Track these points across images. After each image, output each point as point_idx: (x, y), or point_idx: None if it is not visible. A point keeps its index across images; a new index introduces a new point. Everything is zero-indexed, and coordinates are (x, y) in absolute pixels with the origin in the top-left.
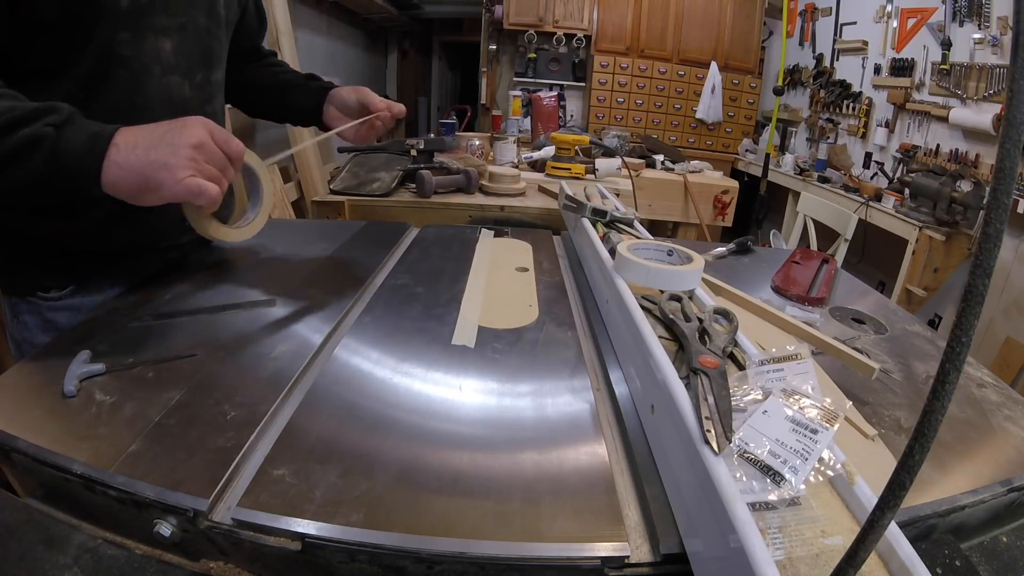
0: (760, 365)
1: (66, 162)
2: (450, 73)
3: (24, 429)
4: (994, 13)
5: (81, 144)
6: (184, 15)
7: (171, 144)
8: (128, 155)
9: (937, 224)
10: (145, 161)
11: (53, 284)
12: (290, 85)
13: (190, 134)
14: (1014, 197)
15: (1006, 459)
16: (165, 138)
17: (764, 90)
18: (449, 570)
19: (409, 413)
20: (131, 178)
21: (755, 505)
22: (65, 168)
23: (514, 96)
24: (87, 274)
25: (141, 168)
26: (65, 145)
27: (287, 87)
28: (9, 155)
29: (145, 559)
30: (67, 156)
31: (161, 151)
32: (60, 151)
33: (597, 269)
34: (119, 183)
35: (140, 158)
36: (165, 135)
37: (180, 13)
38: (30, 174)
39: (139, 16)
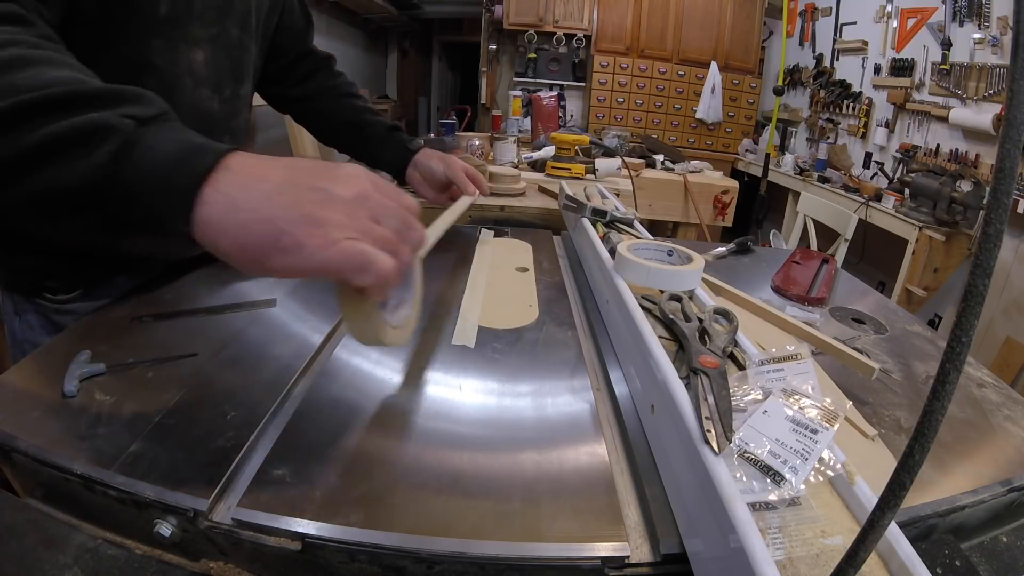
0: (760, 365)
1: (143, 170)
2: (450, 73)
3: (24, 429)
4: (994, 13)
5: (171, 152)
6: (217, 26)
7: (318, 189)
8: (249, 189)
9: (937, 224)
10: (279, 205)
11: (60, 287)
12: (375, 136)
13: (348, 180)
14: (1014, 197)
15: (1006, 459)
16: (305, 178)
17: (764, 90)
18: (449, 570)
19: (409, 413)
20: (249, 225)
21: (755, 505)
22: (139, 181)
23: (514, 96)
24: (95, 279)
25: (271, 214)
26: (148, 148)
27: (371, 136)
28: (61, 141)
29: (145, 559)
30: (147, 162)
31: (304, 195)
32: (138, 154)
33: (597, 269)
34: (226, 228)
35: (270, 198)
36: (305, 174)
37: (213, 24)
38: (83, 177)
39: (174, 25)
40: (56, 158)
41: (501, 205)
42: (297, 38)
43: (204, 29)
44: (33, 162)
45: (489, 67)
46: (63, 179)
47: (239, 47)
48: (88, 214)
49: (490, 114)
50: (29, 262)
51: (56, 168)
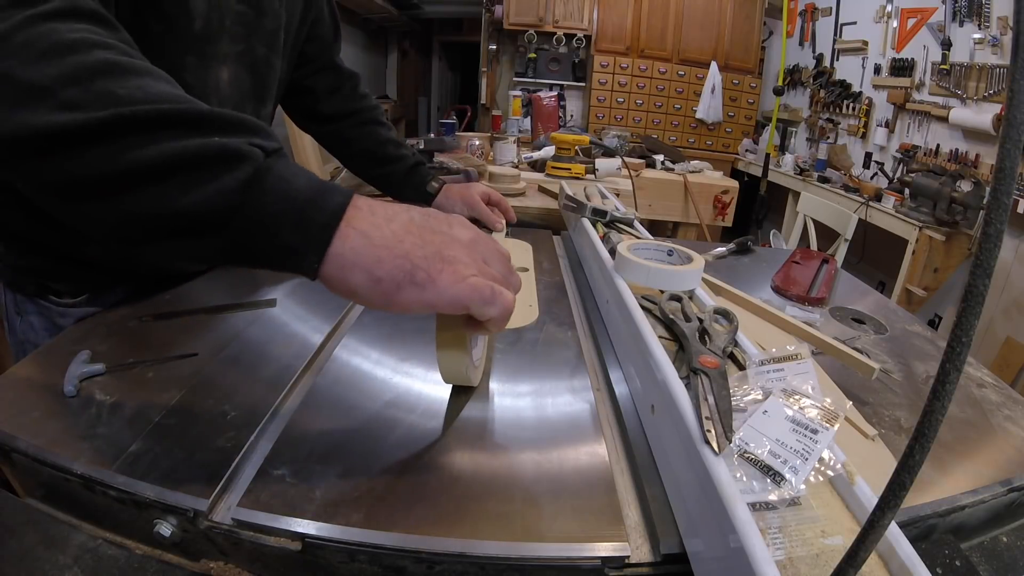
0: (760, 365)
1: (278, 201)
2: (450, 73)
3: (24, 429)
4: (994, 13)
5: (304, 186)
6: (243, 43)
7: (439, 231)
8: (381, 228)
9: (937, 224)
10: (410, 243)
11: (67, 290)
12: (395, 174)
13: (461, 224)
14: (1014, 197)
15: (1006, 459)
16: (426, 221)
17: (764, 90)
18: (449, 570)
19: (409, 413)
20: (384, 261)
21: (755, 505)
22: (273, 212)
23: (514, 96)
24: (103, 285)
25: (405, 250)
26: (280, 180)
27: (392, 174)
28: (184, 162)
29: (145, 559)
30: (281, 194)
31: (429, 236)
32: (271, 184)
33: (597, 269)
34: (361, 263)
35: (400, 237)
36: (423, 217)
37: (240, 41)
38: (207, 202)
39: (207, 41)
40: (175, 179)
41: None
42: (324, 49)
43: (231, 46)
44: (141, 180)
45: (489, 67)
46: (180, 202)
47: (265, 65)
48: (197, 240)
49: (490, 114)
50: (36, 264)
51: (173, 189)
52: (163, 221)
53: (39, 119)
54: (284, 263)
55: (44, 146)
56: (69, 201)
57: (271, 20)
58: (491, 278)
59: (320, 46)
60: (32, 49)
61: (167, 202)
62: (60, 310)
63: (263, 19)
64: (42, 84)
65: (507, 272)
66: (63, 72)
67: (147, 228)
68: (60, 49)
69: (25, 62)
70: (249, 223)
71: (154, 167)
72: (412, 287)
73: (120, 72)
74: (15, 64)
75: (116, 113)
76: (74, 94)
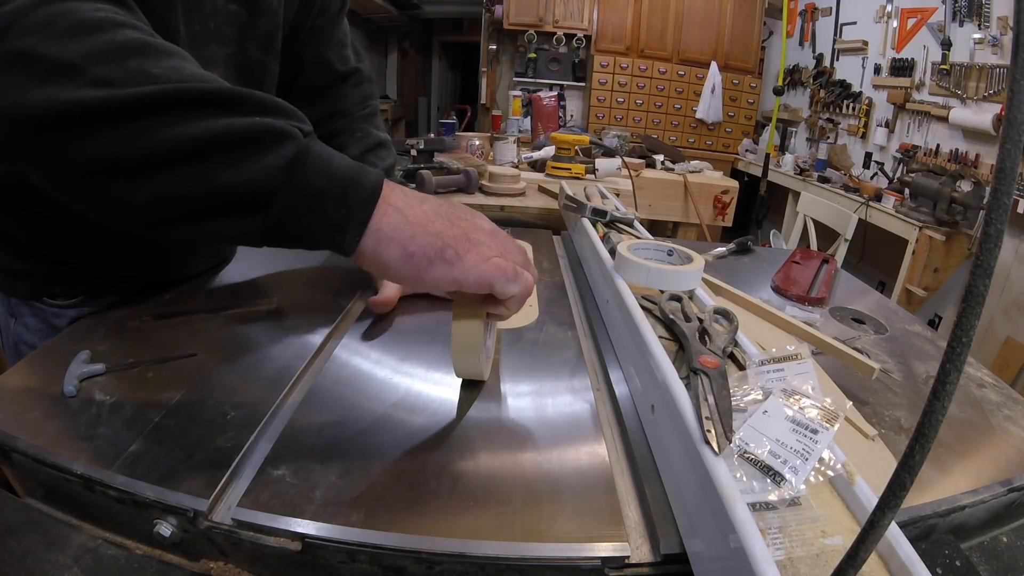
0: (760, 365)
1: (322, 179)
2: (450, 73)
3: (24, 429)
4: (994, 13)
5: (343, 165)
6: (233, 46)
7: (464, 218)
8: (414, 208)
9: (937, 224)
10: (440, 223)
11: (60, 292)
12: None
13: (482, 219)
14: (1014, 197)
15: (1006, 459)
16: (450, 208)
17: (764, 90)
18: (449, 570)
19: (409, 413)
20: (418, 237)
21: (755, 505)
22: (317, 189)
23: (514, 96)
24: (97, 287)
25: (437, 229)
26: (321, 159)
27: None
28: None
29: (145, 559)
30: (324, 172)
31: (456, 220)
32: (313, 163)
33: (597, 269)
34: (397, 237)
35: (431, 218)
36: (448, 205)
37: (230, 43)
38: (252, 179)
39: (193, 45)
40: (219, 156)
41: (501, 205)
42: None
43: (221, 48)
44: (183, 157)
45: (489, 67)
46: (223, 179)
47: (260, 69)
48: (240, 219)
49: (490, 114)
50: (31, 267)
51: (217, 167)
52: (203, 200)
53: (68, 94)
54: (324, 239)
55: (73, 122)
56: (93, 181)
57: (267, 20)
58: (512, 260)
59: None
60: (54, 27)
61: (210, 180)
62: (55, 311)
63: (258, 19)
64: (71, 60)
65: (526, 263)
66: (92, 49)
67: (183, 208)
68: (86, 27)
69: (48, 39)
70: (294, 200)
71: (197, 144)
72: (442, 263)
73: (153, 52)
74: (36, 41)
75: (160, 89)
76: (106, 71)
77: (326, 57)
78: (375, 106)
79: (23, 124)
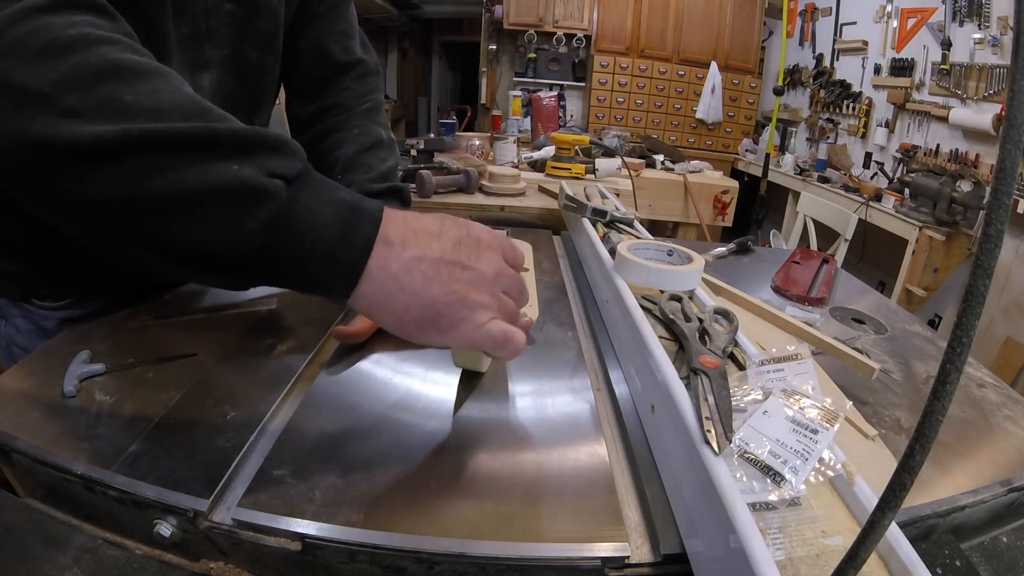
0: (760, 365)
1: (304, 240)
2: (450, 73)
3: (24, 429)
4: (994, 13)
5: (331, 220)
6: (230, 47)
7: (468, 268)
8: (412, 272)
9: (937, 224)
10: (436, 287)
11: (49, 294)
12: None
13: (489, 257)
14: (1014, 197)
15: (1006, 459)
16: (455, 253)
17: (764, 90)
18: (449, 570)
19: (409, 413)
20: (411, 308)
21: (755, 505)
22: (299, 252)
23: (514, 96)
24: (86, 290)
25: (431, 298)
26: (307, 214)
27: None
28: (201, 199)
29: (145, 559)
30: (307, 232)
31: (456, 275)
32: (297, 221)
33: (597, 269)
34: (389, 306)
35: (428, 282)
36: (453, 247)
37: (225, 44)
38: (229, 242)
39: (189, 48)
40: (191, 215)
41: (501, 205)
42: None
43: (215, 50)
44: (152, 211)
45: (489, 67)
46: (196, 239)
47: (258, 70)
48: (216, 277)
49: (490, 114)
50: (17, 268)
51: (189, 227)
52: (177, 253)
53: (35, 128)
54: (312, 292)
55: (43, 158)
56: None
57: (266, 20)
58: (508, 314)
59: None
60: (25, 49)
61: (183, 238)
62: (43, 313)
63: (256, 19)
64: (40, 89)
65: (519, 294)
66: (62, 75)
67: (160, 257)
68: (56, 48)
69: (18, 64)
70: (274, 263)
71: (168, 199)
72: (434, 331)
73: (126, 74)
74: (6, 67)
75: (124, 132)
76: (75, 100)
77: (327, 47)
78: (377, 100)
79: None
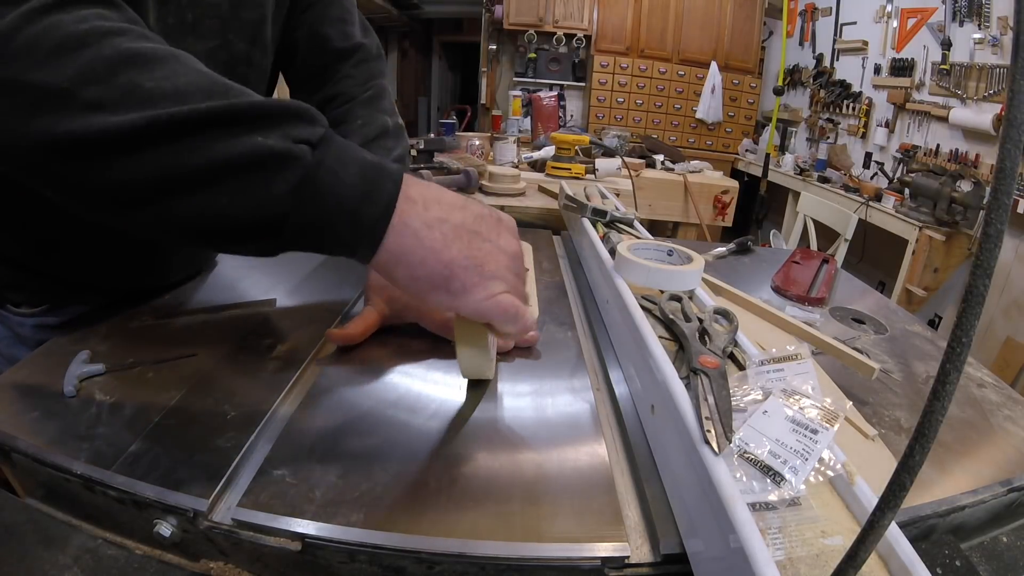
0: (760, 365)
1: (330, 202)
2: (450, 73)
3: (24, 429)
4: (994, 13)
5: (355, 180)
6: (216, 39)
7: (488, 239)
8: (433, 228)
9: (937, 224)
10: (456, 249)
11: (24, 300)
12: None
13: (508, 237)
14: (1014, 197)
15: (1006, 459)
16: (476, 224)
17: (764, 90)
18: (449, 570)
19: (409, 413)
20: (428, 264)
21: (755, 505)
22: (326, 213)
23: (514, 96)
24: (63, 296)
25: (449, 258)
26: (331, 176)
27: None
28: (229, 170)
29: (145, 559)
30: (333, 194)
31: (476, 243)
32: (321, 185)
33: (597, 269)
34: (407, 261)
35: (448, 242)
36: (474, 218)
37: (211, 36)
38: (258, 209)
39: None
40: (221, 186)
41: (501, 205)
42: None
43: (199, 42)
44: (184, 187)
45: (489, 67)
46: (228, 209)
47: (244, 63)
48: (248, 243)
49: (490, 114)
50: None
51: (220, 196)
52: (210, 225)
53: (61, 125)
54: (337, 252)
55: (72, 153)
56: (98, 208)
57: (250, 10)
58: (520, 294)
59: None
60: (39, 49)
61: (215, 208)
62: (18, 320)
63: (240, 10)
64: (59, 85)
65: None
66: (80, 69)
67: (192, 231)
68: (71, 44)
69: (33, 64)
70: (302, 226)
71: (197, 175)
72: (446, 293)
73: (142, 61)
74: (22, 68)
75: (151, 119)
76: (96, 92)
77: (324, 34)
78: (379, 87)
79: (31, 153)
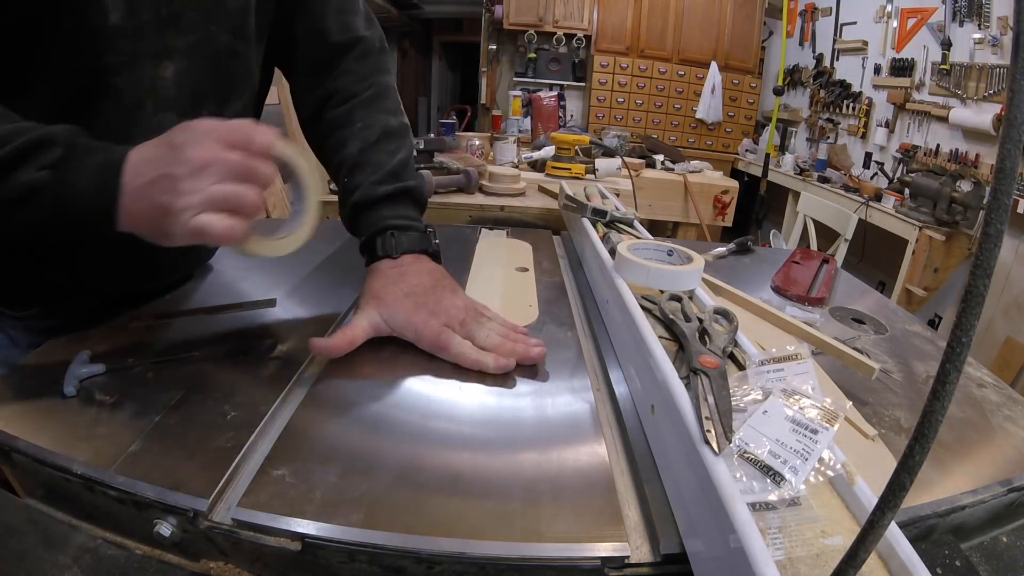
0: (760, 365)
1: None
2: (450, 73)
3: (24, 429)
4: (994, 13)
5: (88, 185)
6: (198, 32)
7: (170, 176)
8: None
9: (937, 224)
10: (149, 204)
11: (14, 303)
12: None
13: (192, 155)
14: (1014, 197)
15: (1006, 459)
16: (164, 166)
17: (764, 90)
18: (449, 570)
19: (409, 413)
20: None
21: (755, 505)
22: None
23: (514, 96)
24: (54, 300)
25: (150, 214)
26: (69, 190)
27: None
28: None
29: (145, 559)
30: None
31: (159, 188)
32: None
33: (597, 269)
34: (138, 223)
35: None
36: (165, 160)
37: (193, 30)
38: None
39: (134, 37)
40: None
41: (501, 205)
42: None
43: (180, 37)
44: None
45: (489, 67)
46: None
47: (229, 56)
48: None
49: (490, 114)
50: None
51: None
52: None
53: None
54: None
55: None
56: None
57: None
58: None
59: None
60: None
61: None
62: (11, 323)
63: (223, 1)
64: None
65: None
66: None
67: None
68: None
69: None
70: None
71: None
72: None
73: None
74: None
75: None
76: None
77: (323, 26)
78: (381, 84)
79: None
